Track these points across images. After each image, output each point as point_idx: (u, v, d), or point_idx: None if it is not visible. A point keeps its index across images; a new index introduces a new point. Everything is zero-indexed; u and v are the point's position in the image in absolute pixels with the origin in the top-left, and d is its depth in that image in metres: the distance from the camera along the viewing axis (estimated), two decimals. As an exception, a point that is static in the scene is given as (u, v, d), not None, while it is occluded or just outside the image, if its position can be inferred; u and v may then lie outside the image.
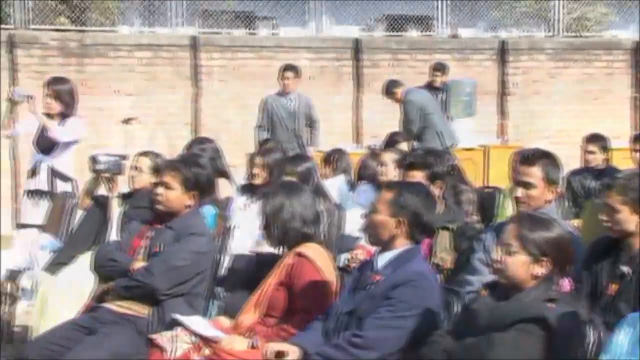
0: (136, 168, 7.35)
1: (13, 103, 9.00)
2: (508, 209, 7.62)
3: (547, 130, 16.18)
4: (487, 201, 8.07)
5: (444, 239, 6.06)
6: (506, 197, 7.78)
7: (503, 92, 16.49)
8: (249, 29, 16.24)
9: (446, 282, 5.72)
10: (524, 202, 5.43)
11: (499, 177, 10.96)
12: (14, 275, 7.58)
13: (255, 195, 7.47)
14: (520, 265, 4.49)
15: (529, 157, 5.50)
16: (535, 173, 5.43)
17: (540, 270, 4.50)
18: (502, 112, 16.49)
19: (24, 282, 7.73)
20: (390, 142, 10.09)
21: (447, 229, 6.08)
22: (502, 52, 16.51)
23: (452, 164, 7.41)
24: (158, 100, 14.77)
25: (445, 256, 6.02)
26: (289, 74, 12.50)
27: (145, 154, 7.49)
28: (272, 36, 16.23)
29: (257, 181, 7.83)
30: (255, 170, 7.87)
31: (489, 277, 4.95)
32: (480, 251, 5.58)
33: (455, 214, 6.63)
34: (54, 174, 8.88)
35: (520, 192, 5.45)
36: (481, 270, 5.50)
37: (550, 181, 5.44)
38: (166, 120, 14.75)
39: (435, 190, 6.29)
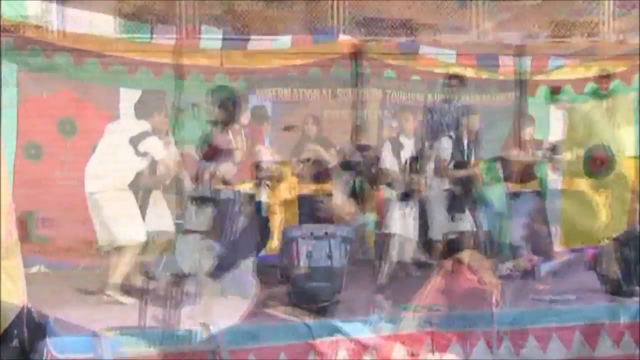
0: (297, 175, 7.43)
1: (179, 111, 9.21)
2: (677, 219, 7.40)
3: None
4: (654, 210, 7.84)
5: (609, 248, 5.93)
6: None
7: (673, 99, 15.99)
8: (410, 36, 16.21)
9: (612, 293, 5.59)
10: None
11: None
12: (178, 280, 7.75)
13: (415, 202, 7.45)
14: (692, 276, 4.36)
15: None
16: None
17: None
18: (671, 119, 15.99)
19: (188, 286, 7.90)
20: (554, 150, 9.92)
21: (613, 238, 5.95)
22: (672, 58, 16.01)
23: (618, 172, 7.25)
24: (319, 108, 14.85)
25: (610, 266, 5.88)
26: (454, 81, 12.43)
27: (306, 161, 7.56)
28: (433, 42, 16.14)
29: (416, 188, 7.79)
30: (414, 178, 7.85)
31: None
32: (648, 261, 5.44)
33: (621, 223, 6.48)
34: (217, 180, 9.02)
35: (690, 201, 5.29)
36: (649, 281, 5.36)
37: None
38: (327, 127, 14.83)
39: (601, 199, 6.16)
